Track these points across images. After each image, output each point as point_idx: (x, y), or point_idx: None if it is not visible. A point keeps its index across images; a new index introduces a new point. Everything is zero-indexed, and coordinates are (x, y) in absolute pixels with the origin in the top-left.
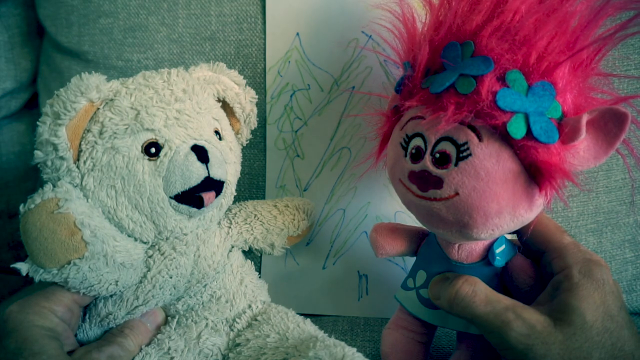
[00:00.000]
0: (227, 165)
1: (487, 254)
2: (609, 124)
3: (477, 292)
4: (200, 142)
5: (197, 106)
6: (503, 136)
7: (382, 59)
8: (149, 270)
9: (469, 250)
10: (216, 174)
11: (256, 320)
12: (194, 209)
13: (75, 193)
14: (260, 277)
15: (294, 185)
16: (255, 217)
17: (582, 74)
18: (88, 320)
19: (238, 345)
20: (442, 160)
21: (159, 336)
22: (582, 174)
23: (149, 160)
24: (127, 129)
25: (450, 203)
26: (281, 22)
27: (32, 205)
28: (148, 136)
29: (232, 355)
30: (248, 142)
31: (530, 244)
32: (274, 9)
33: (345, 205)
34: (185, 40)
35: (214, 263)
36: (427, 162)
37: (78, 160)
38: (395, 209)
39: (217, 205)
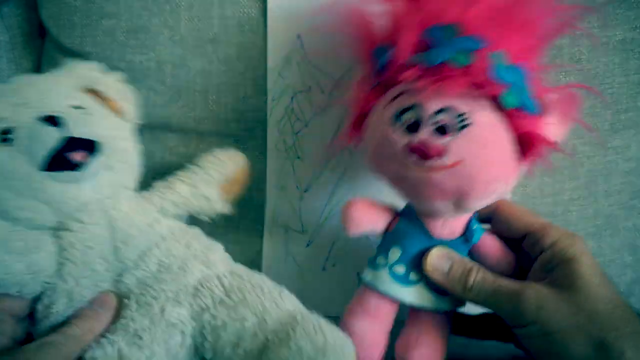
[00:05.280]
0: (99, 128)
1: (465, 230)
2: (567, 106)
3: (486, 276)
4: (47, 113)
5: (42, 90)
6: (495, 107)
7: None
8: (63, 250)
9: (452, 226)
10: (79, 132)
11: (230, 298)
12: (72, 173)
13: None
14: None
15: (294, 186)
16: (176, 179)
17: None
18: (39, 326)
19: (216, 327)
20: (443, 130)
21: (122, 321)
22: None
23: (5, 146)
24: None
25: (453, 171)
26: (282, 24)
27: None
28: None
29: (210, 338)
30: (145, 122)
31: (506, 230)
32: (275, 11)
33: None
34: (187, 42)
35: (135, 222)
36: (427, 132)
37: None
38: None
39: (103, 166)
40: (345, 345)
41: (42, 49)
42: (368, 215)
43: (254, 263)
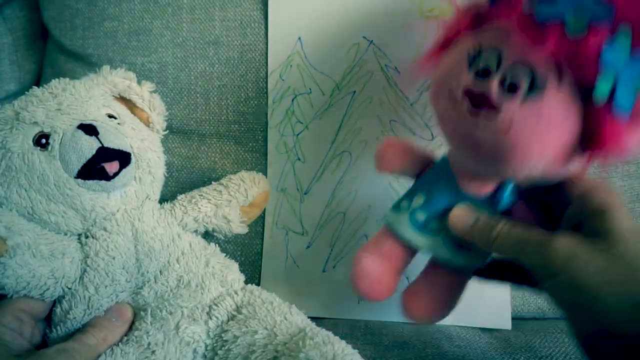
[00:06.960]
0: (130, 139)
1: (495, 192)
2: None
3: (513, 227)
4: (86, 121)
5: (79, 97)
6: (580, 89)
7: (384, 63)
8: (87, 257)
9: (482, 184)
10: (112, 143)
11: (241, 313)
12: (104, 182)
13: None
14: (260, 280)
15: (294, 188)
16: (200, 196)
17: None
18: (55, 330)
19: (226, 342)
20: (511, 88)
21: (136, 333)
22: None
23: (42, 150)
24: (12, 129)
25: (497, 133)
26: (283, 26)
27: None
28: (35, 130)
29: (220, 352)
30: (166, 131)
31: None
32: (276, 13)
33: (345, 209)
34: (189, 45)
35: (158, 235)
36: (494, 82)
37: None
38: None
39: (132, 177)
40: (354, 357)
41: (45, 51)
42: (401, 156)
43: (254, 264)
